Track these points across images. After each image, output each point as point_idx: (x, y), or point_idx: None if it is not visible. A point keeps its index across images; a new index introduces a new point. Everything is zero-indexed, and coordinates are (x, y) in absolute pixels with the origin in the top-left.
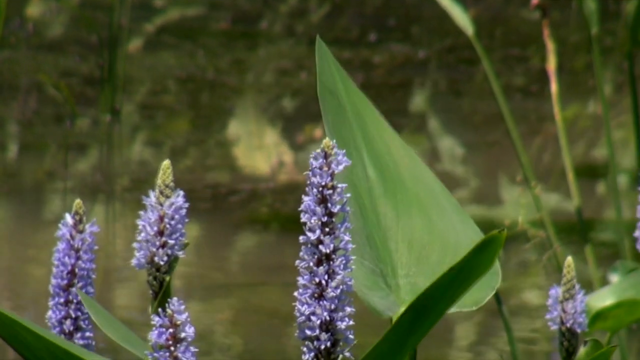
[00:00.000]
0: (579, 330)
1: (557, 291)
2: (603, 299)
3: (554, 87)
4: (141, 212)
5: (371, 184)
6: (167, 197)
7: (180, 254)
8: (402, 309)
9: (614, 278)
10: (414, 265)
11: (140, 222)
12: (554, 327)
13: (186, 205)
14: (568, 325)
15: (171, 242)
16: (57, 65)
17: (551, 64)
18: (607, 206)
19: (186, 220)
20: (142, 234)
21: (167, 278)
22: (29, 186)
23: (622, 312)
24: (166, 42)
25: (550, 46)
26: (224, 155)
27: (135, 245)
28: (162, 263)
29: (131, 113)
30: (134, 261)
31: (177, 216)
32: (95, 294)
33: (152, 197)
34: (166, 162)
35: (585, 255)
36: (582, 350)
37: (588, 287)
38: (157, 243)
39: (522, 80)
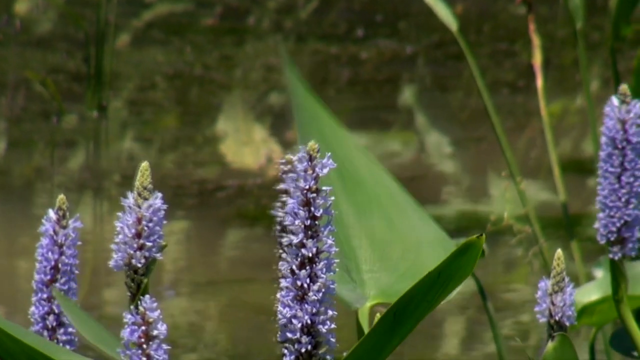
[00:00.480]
0: (567, 324)
1: (546, 284)
2: (589, 294)
3: (539, 82)
4: (119, 214)
5: (331, 182)
6: (145, 199)
7: (158, 256)
8: (369, 304)
9: (599, 273)
10: (377, 261)
11: (118, 224)
12: (543, 320)
13: (164, 207)
14: (557, 318)
15: (149, 244)
16: (45, 62)
17: (537, 59)
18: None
19: (164, 222)
20: (120, 236)
21: (145, 280)
22: (17, 183)
23: (607, 307)
24: (154, 37)
25: (536, 41)
26: (212, 152)
27: (113, 247)
28: (139, 265)
29: (119, 109)
30: (111, 263)
31: (155, 218)
32: (80, 289)
33: (130, 199)
34: (144, 164)
35: (572, 250)
36: (549, 345)
37: (575, 282)
38: (135, 245)
39: (510, 76)
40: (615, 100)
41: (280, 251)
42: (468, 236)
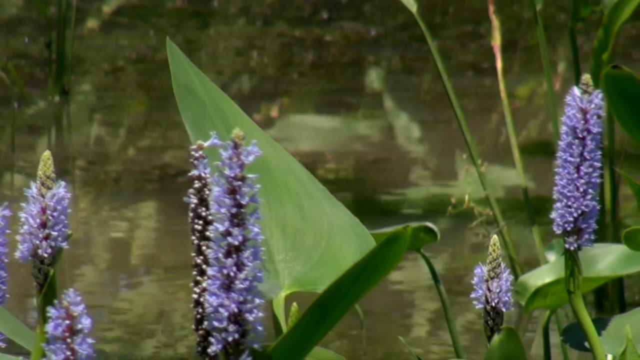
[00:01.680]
0: (504, 309)
1: (482, 270)
2: (542, 276)
3: (499, 63)
4: (23, 205)
5: None
6: (49, 188)
7: (64, 245)
8: (284, 293)
9: (551, 257)
10: (290, 250)
11: (22, 215)
12: (480, 306)
13: (68, 195)
14: (493, 304)
15: (54, 234)
16: (7, 47)
17: (496, 41)
18: None
19: (68, 210)
20: (25, 227)
21: (52, 271)
22: None
23: (561, 289)
24: (122, 23)
25: (495, 23)
26: (179, 136)
27: (18, 237)
28: (46, 255)
29: (84, 93)
30: (17, 254)
31: (59, 207)
32: (9, 277)
33: (33, 189)
34: (46, 153)
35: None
36: (495, 338)
37: (536, 265)
38: (41, 235)
39: (476, 58)
40: (576, 90)
41: (194, 238)
42: (431, 221)
